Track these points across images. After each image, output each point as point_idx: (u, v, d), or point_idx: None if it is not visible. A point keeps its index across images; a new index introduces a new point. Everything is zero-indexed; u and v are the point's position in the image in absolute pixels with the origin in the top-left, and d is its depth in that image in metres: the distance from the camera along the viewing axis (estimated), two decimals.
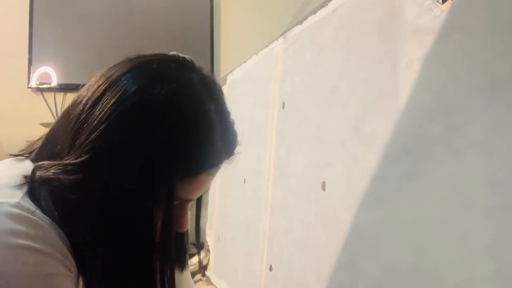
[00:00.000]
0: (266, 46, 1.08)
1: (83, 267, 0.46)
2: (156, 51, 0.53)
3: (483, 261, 0.37)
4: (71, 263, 0.45)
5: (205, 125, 0.49)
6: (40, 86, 1.88)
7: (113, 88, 0.47)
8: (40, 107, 1.91)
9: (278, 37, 1.00)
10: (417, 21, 0.50)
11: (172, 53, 0.53)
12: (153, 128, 0.46)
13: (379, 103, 0.57)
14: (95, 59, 1.92)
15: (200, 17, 2.10)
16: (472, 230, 0.38)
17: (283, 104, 0.92)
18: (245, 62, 1.26)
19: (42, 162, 0.47)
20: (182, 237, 0.64)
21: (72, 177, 0.45)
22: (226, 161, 0.54)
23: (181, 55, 0.53)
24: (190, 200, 0.53)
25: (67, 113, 0.50)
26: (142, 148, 0.45)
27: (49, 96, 1.93)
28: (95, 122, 0.45)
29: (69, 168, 0.45)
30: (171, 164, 0.46)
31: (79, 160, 0.45)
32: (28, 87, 1.89)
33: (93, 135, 0.45)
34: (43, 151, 0.51)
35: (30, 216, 0.43)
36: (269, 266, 0.93)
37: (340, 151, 0.66)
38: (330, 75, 0.72)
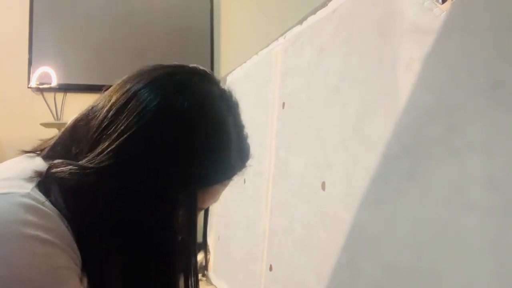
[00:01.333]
0: (266, 46, 1.08)
1: (88, 263, 0.47)
2: (174, 62, 0.56)
3: (483, 261, 0.36)
4: (78, 256, 0.46)
5: (224, 138, 0.51)
6: (40, 86, 1.88)
7: (137, 98, 0.48)
8: (40, 107, 1.91)
9: (278, 37, 1.00)
10: (417, 21, 0.50)
11: (192, 65, 0.55)
12: (176, 139, 0.47)
13: (379, 103, 0.57)
14: (95, 59, 1.92)
15: (200, 17, 2.10)
16: (472, 230, 0.38)
17: (283, 104, 0.92)
18: (245, 62, 1.26)
19: (59, 160, 0.48)
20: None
21: (90, 179, 0.46)
22: (239, 173, 0.56)
23: (201, 67, 0.55)
24: (203, 208, 0.55)
25: (86, 117, 0.51)
26: (164, 158, 0.47)
27: (49, 96, 1.93)
28: (119, 130, 0.47)
29: (88, 171, 0.46)
30: (192, 174, 0.48)
31: (100, 165, 0.46)
32: (28, 87, 1.89)
33: (116, 142, 0.46)
34: (55, 150, 0.52)
35: (40, 206, 0.43)
36: (269, 266, 0.93)
37: (340, 151, 0.66)
38: (330, 75, 0.72)
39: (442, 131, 0.43)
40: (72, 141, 0.50)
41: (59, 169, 0.46)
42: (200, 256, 1.33)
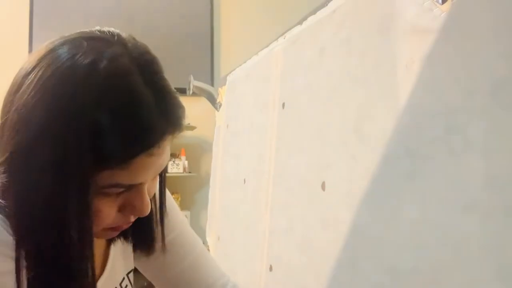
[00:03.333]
0: (266, 46, 1.08)
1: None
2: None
3: (484, 263, 0.37)
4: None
5: (130, 100, 0.43)
6: None
7: (26, 81, 0.44)
8: None
9: (278, 37, 1.00)
10: (417, 21, 0.50)
11: (95, 28, 0.48)
12: (69, 108, 0.41)
13: (379, 103, 0.57)
14: None
15: (200, 18, 2.11)
16: (473, 231, 0.38)
17: (283, 104, 0.92)
18: (245, 62, 1.26)
19: None
20: (147, 222, 0.58)
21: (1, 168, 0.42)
22: (174, 135, 0.47)
23: (105, 29, 0.48)
24: (140, 183, 0.47)
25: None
26: (58, 133, 0.41)
27: None
28: (12, 117, 0.43)
29: None
30: (91, 150, 0.41)
31: (2, 159, 0.43)
32: None
33: (9, 133, 0.43)
34: None
35: None
36: (269, 267, 0.93)
37: (340, 151, 0.66)
38: (330, 75, 0.72)
39: (442, 131, 0.43)
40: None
41: None
42: None
